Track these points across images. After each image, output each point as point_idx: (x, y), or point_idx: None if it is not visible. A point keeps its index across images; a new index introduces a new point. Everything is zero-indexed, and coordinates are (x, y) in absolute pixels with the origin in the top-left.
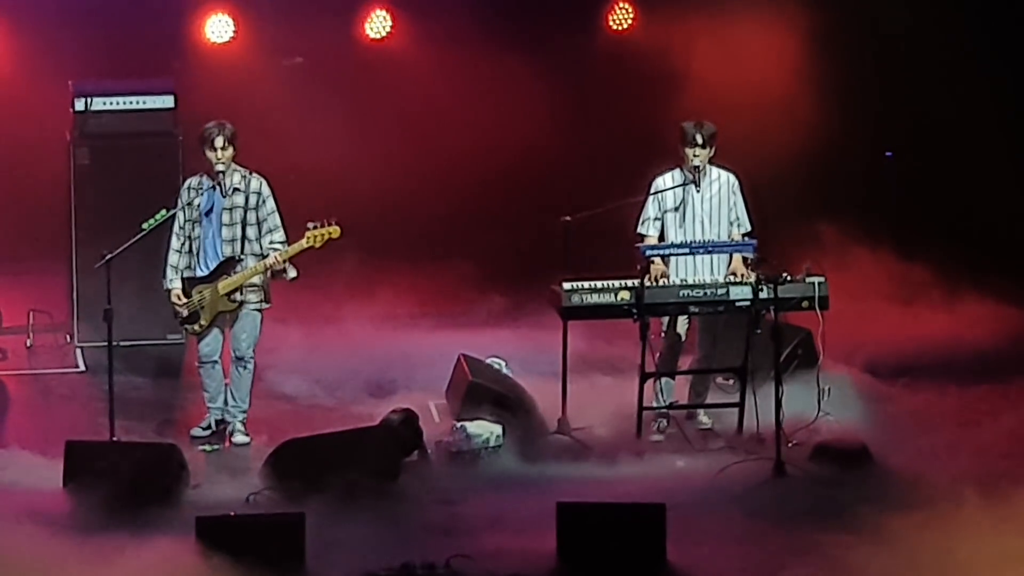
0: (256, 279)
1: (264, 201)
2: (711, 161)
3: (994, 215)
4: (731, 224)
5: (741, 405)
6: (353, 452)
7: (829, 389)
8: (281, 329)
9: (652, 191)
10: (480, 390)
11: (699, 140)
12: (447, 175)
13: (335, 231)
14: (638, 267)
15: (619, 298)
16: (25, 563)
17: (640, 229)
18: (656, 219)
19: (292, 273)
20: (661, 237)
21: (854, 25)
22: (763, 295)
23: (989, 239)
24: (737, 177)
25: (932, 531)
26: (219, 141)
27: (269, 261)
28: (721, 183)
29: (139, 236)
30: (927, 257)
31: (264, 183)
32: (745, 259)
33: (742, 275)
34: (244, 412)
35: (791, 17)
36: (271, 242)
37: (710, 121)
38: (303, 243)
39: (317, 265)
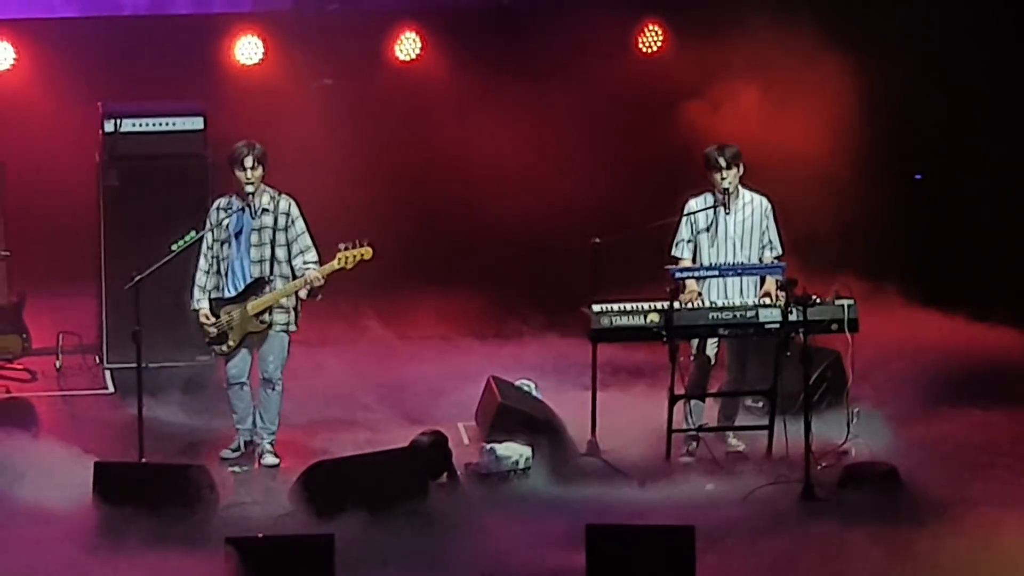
0: (284, 301)
1: (293, 222)
2: (744, 184)
3: None
4: (763, 247)
5: (770, 428)
6: (382, 474)
7: (858, 412)
8: (310, 351)
9: (684, 213)
10: (509, 412)
11: (722, 163)
12: (476, 197)
13: (367, 252)
14: (668, 289)
15: (648, 320)
16: None
17: (674, 252)
18: (689, 241)
19: (321, 295)
20: (694, 259)
21: (886, 44)
22: (792, 317)
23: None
24: (770, 201)
25: (962, 555)
26: (249, 161)
27: (309, 277)
28: (754, 206)
29: (168, 257)
30: (956, 280)
31: (293, 204)
32: (777, 282)
33: (775, 297)
34: (273, 434)
35: (821, 37)
36: (304, 262)
37: (734, 143)
38: (335, 264)
39: (346, 287)
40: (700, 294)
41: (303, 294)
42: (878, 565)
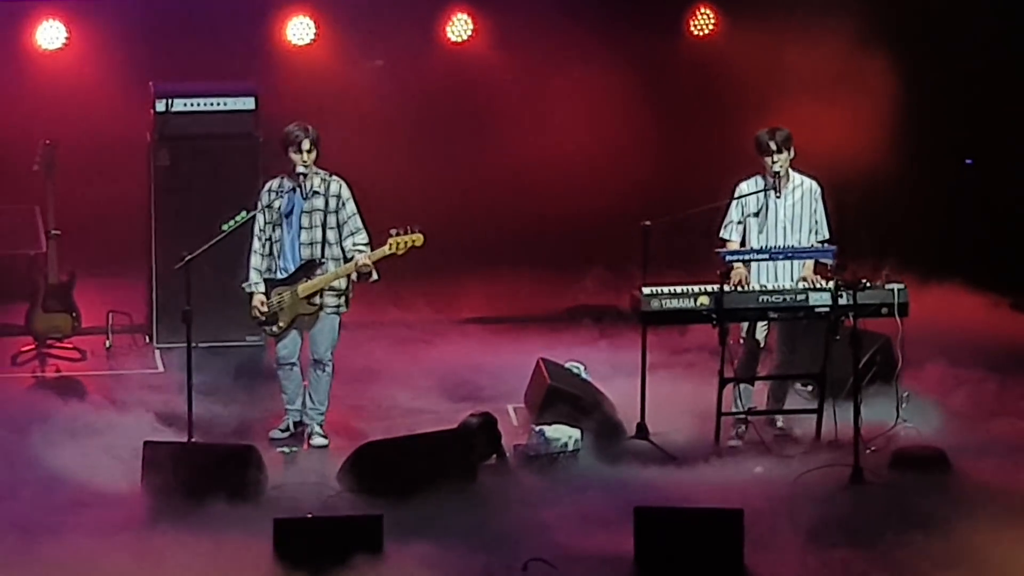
0: (335, 283)
1: (344, 204)
2: (794, 167)
3: None
4: (811, 231)
5: (819, 411)
6: (431, 455)
7: (908, 396)
8: (360, 333)
9: (735, 196)
10: (559, 394)
11: (773, 146)
12: (527, 179)
13: (419, 239)
14: (718, 272)
15: (698, 303)
16: (103, 564)
17: (722, 234)
18: (739, 223)
19: (375, 275)
20: (744, 242)
21: (936, 27)
22: (842, 301)
23: None
24: (820, 184)
25: (1011, 541)
26: (306, 144)
27: (359, 261)
28: (804, 189)
29: (219, 238)
30: (1008, 265)
31: (344, 186)
32: (823, 265)
33: (811, 281)
34: (322, 415)
35: (871, 21)
36: (355, 244)
37: (784, 126)
38: (385, 250)
39: (397, 269)
40: (747, 276)
41: (353, 276)
42: (925, 550)
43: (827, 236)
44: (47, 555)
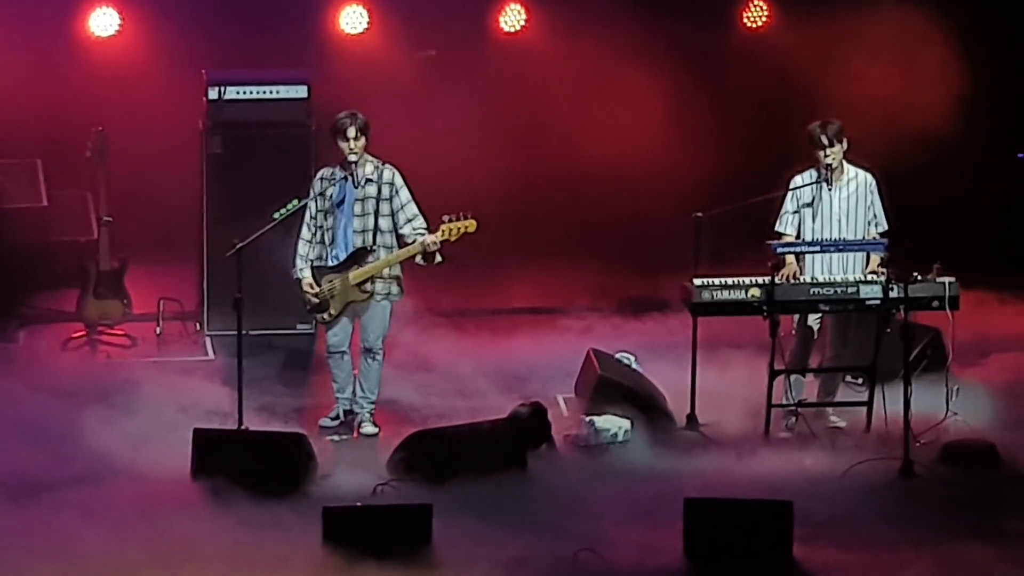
0: (387, 271)
1: (398, 191)
2: (848, 159)
3: None
4: (868, 223)
5: (870, 404)
6: (481, 444)
7: (958, 389)
8: (411, 321)
9: (789, 188)
10: (609, 384)
11: (825, 140)
12: (579, 169)
13: (471, 225)
14: (770, 264)
15: (749, 295)
16: (154, 551)
17: (777, 226)
18: (795, 212)
19: (439, 258)
20: (798, 235)
21: (993, 22)
22: (893, 294)
23: None
24: (875, 176)
25: None
26: (351, 132)
27: (426, 240)
28: (858, 182)
29: (270, 225)
30: None
31: (396, 173)
32: (880, 258)
33: (880, 274)
34: (372, 403)
35: (926, 15)
36: (414, 229)
37: (837, 119)
38: (438, 236)
39: (450, 257)
40: (799, 269)
41: (419, 260)
42: (974, 543)
43: (886, 228)
44: (95, 539)
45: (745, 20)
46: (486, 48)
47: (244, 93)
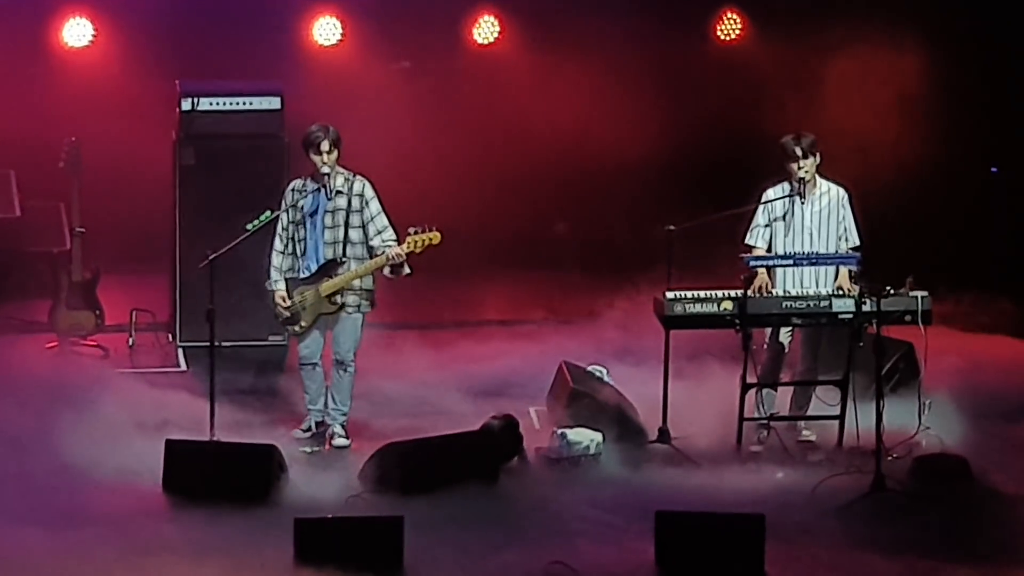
0: (357, 283)
1: (368, 203)
2: (820, 173)
3: None
4: (840, 238)
5: (842, 418)
6: (453, 457)
7: (930, 403)
8: (382, 333)
9: (761, 201)
10: (581, 397)
11: (799, 152)
12: (552, 181)
13: (435, 237)
14: (742, 277)
15: (722, 308)
16: (124, 561)
17: (748, 239)
18: (766, 226)
19: (407, 269)
20: (770, 248)
21: (965, 35)
22: (866, 308)
23: None
24: (847, 191)
25: None
26: (325, 145)
27: (391, 253)
28: (830, 196)
29: (243, 237)
30: None
31: (367, 185)
32: (850, 273)
33: (848, 290)
34: (344, 415)
35: (899, 28)
36: (383, 241)
37: (810, 132)
38: (403, 248)
39: (420, 269)
40: (770, 283)
41: (387, 272)
42: (945, 557)
43: (858, 243)
44: (66, 549)
45: (719, 32)
46: (460, 60)
47: (217, 104)
